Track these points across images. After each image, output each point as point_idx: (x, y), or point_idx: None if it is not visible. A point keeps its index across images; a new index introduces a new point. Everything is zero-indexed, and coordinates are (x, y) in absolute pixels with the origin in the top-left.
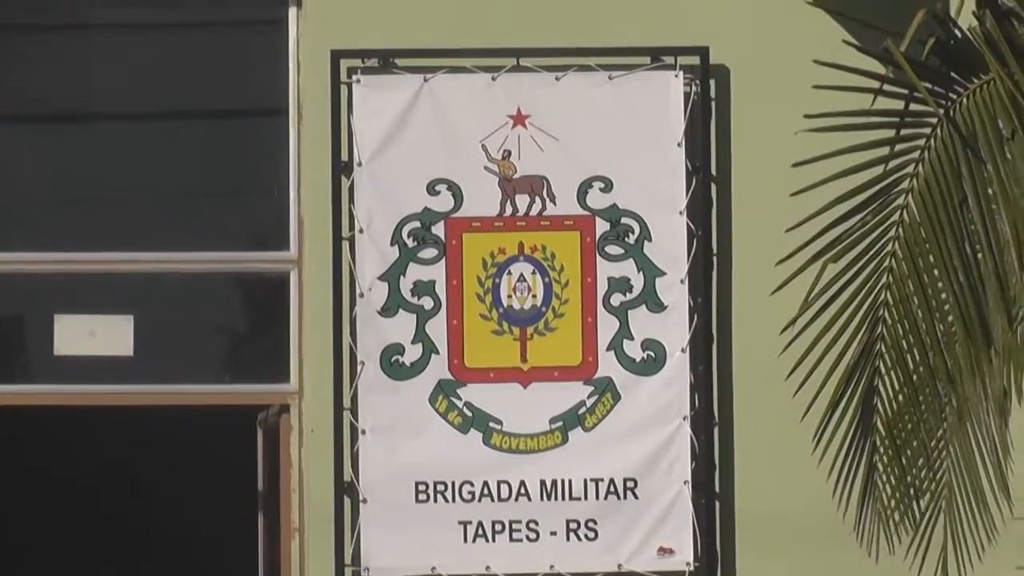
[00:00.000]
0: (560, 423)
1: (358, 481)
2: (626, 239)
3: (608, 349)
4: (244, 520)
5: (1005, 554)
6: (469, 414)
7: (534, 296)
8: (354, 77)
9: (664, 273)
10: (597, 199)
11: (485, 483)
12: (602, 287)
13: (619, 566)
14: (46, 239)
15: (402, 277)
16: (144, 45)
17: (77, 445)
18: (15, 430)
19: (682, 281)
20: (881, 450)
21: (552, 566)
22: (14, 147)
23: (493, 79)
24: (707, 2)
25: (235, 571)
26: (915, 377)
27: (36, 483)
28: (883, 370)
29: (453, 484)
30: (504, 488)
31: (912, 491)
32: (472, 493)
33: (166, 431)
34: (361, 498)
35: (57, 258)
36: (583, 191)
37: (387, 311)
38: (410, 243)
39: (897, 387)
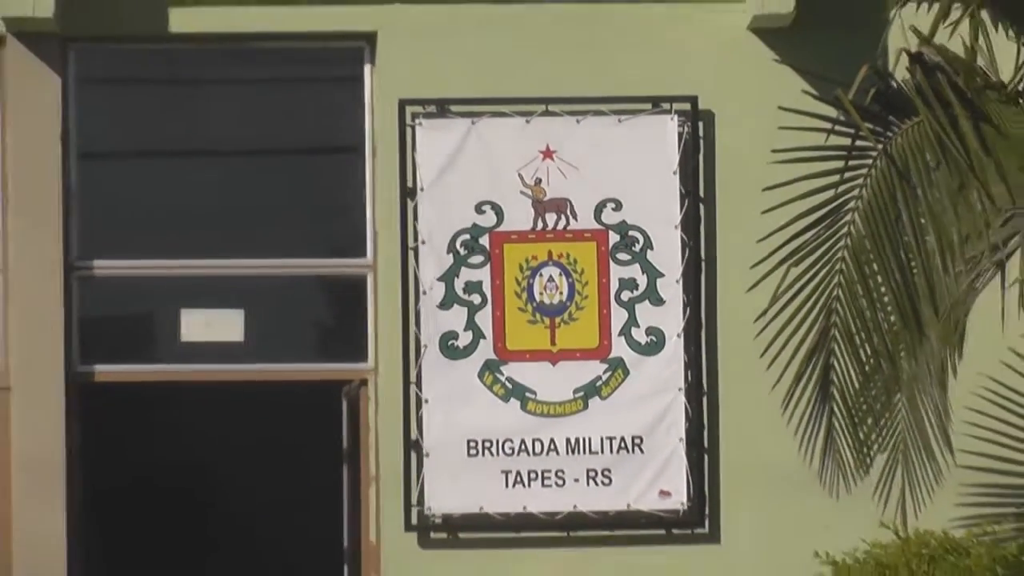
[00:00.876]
0: (582, 393)
1: (422, 440)
2: (633, 248)
3: (619, 335)
4: (331, 473)
5: (947, 497)
6: (509, 386)
7: (560, 293)
8: (416, 120)
9: (663, 275)
10: (610, 216)
11: (522, 441)
12: (614, 286)
13: (628, 505)
14: (176, 249)
15: (456, 278)
16: (254, 95)
17: (196, 415)
18: (151, 402)
19: (677, 281)
20: (837, 413)
21: (575, 505)
22: (152, 177)
23: (527, 121)
24: (695, 59)
25: (326, 514)
26: (862, 355)
27: (167, 442)
28: (837, 351)
29: (497, 442)
30: (537, 445)
31: (864, 446)
32: (512, 449)
33: (268, 402)
34: (424, 453)
35: (184, 264)
36: (598, 210)
37: (444, 305)
38: (462, 251)
39: (848, 364)
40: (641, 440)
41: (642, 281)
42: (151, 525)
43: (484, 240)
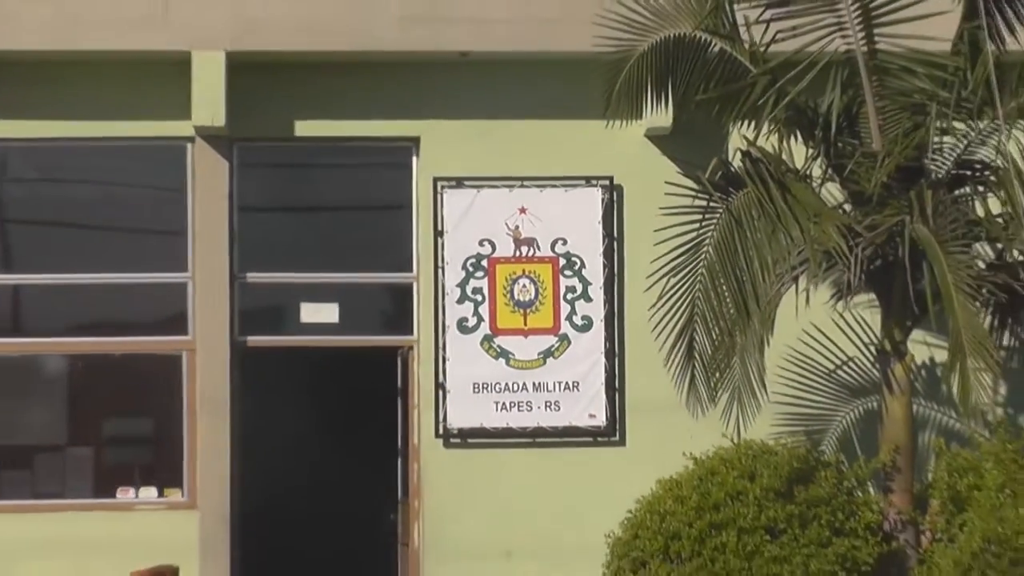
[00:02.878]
0: (542, 355)
1: (445, 383)
2: (573, 267)
3: (565, 319)
4: (391, 402)
5: (765, 420)
6: (498, 351)
7: (530, 294)
8: (443, 189)
9: (591, 283)
10: (560, 248)
11: (506, 384)
12: (562, 290)
13: (570, 423)
14: (297, 266)
15: (466, 285)
16: (346, 173)
17: (311, 367)
18: (281, 360)
19: (600, 288)
20: (697, 368)
21: (538, 423)
22: (283, 222)
23: (510, 191)
24: (613, 154)
25: (389, 426)
26: (713, 333)
27: (291, 384)
28: (697, 330)
29: (490, 384)
30: (515, 386)
31: (713, 388)
32: (500, 388)
33: (353, 360)
34: (447, 391)
35: (302, 275)
36: (553, 244)
37: (459, 301)
38: (470, 269)
39: (703, 338)
40: (578, 384)
41: (579, 287)
42: (282, 434)
43: (484, 262)
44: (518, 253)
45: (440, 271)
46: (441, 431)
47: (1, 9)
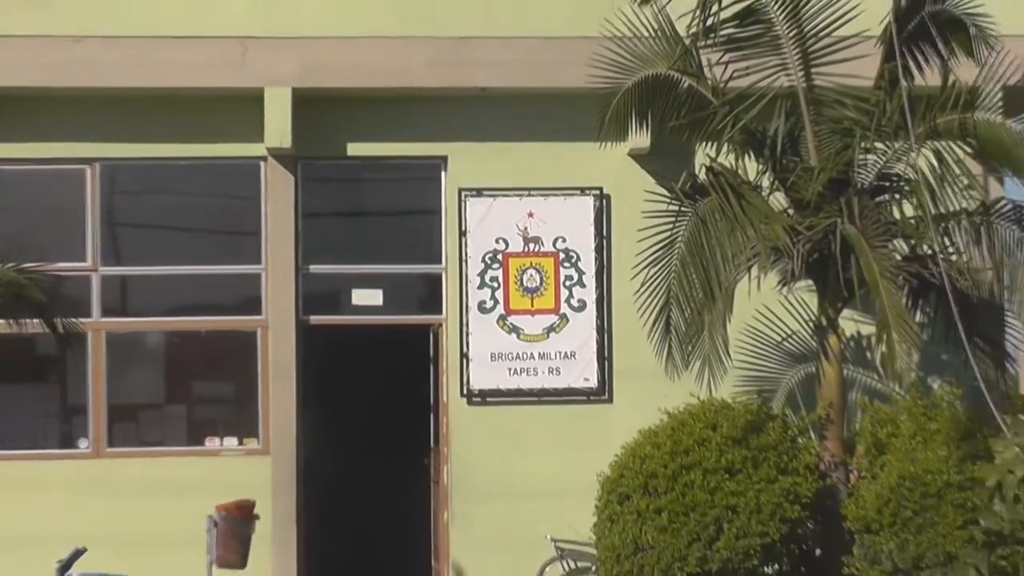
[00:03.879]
0: (546, 331)
1: (468, 353)
2: (572, 260)
3: (564, 302)
4: (424, 368)
5: (727, 383)
6: (511, 327)
7: (535, 281)
8: (466, 198)
9: (586, 272)
10: (560, 245)
11: (518, 353)
12: (562, 278)
13: (569, 385)
14: (350, 258)
15: (485, 275)
16: (389, 185)
17: (359, 340)
18: (336, 335)
19: (592, 276)
20: (673, 341)
21: (543, 386)
22: (339, 225)
23: (520, 198)
24: (602, 169)
25: (423, 387)
26: (685, 313)
27: (343, 354)
28: (673, 310)
29: (505, 353)
30: (525, 355)
31: (686, 357)
32: (512, 357)
33: (394, 334)
34: (469, 359)
35: (353, 267)
36: (554, 242)
37: (480, 288)
38: (488, 261)
39: (679, 316)
40: (575, 353)
41: (575, 276)
42: (336, 395)
43: (499, 256)
44: (526, 249)
45: (464, 263)
46: (465, 392)
47: (121, 54)
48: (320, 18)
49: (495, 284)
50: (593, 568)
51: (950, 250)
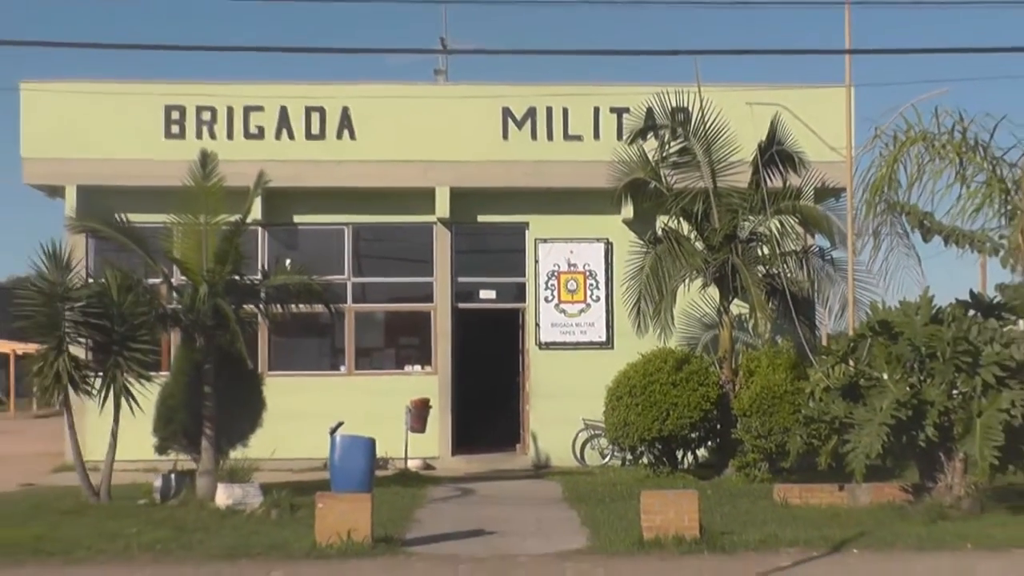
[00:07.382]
0: (580, 312)
1: (539, 323)
2: (593, 276)
3: (589, 297)
4: (516, 332)
5: (673, 340)
6: (561, 310)
7: (574, 287)
8: (538, 243)
9: (600, 283)
10: (586, 268)
11: (564, 324)
12: (588, 285)
13: (591, 341)
14: (479, 275)
15: (548, 283)
16: (496, 236)
17: (486, 319)
18: (473, 316)
19: (604, 284)
20: (642, 317)
21: (578, 340)
22: (468, 260)
23: (566, 243)
24: (608, 228)
25: (513, 340)
26: (650, 304)
27: (476, 327)
28: (643, 301)
29: (559, 324)
30: (569, 323)
31: (652, 325)
32: (564, 325)
33: (503, 315)
34: (540, 325)
35: (480, 279)
36: (584, 266)
37: (544, 289)
38: (549, 276)
39: (647, 304)
40: (593, 324)
41: (595, 284)
42: (473, 345)
43: (555, 274)
44: (569, 269)
45: (536, 276)
46: (537, 343)
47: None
48: (464, 153)
49: (553, 287)
50: (603, 435)
51: (787, 271)
